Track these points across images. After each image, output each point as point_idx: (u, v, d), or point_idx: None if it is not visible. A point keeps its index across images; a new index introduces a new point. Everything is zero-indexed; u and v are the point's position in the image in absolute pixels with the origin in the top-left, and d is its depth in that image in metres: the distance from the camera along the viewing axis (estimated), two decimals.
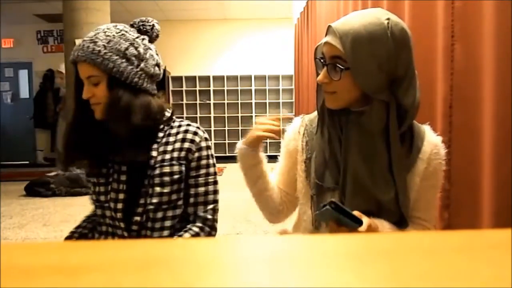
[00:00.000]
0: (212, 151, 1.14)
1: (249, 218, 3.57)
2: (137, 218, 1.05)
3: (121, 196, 1.07)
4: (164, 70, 7.37)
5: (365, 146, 0.93)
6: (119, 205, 1.06)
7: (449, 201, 1.16)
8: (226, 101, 7.65)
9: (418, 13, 1.36)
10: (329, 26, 0.91)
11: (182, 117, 1.16)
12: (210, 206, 1.11)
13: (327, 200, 0.96)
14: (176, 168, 1.08)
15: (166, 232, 1.07)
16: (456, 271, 0.25)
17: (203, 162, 1.11)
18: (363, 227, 0.84)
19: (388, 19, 0.89)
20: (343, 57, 0.88)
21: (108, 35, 1.01)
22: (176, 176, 1.08)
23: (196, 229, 1.08)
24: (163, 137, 1.10)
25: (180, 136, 1.10)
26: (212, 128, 7.75)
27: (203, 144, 1.12)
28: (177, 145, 1.09)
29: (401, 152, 0.94)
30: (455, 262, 0.26)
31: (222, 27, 7.62)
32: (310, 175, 1.00)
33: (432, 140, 0.97)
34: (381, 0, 1.75)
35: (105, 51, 0.99)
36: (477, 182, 1.04)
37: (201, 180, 1.10)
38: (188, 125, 1.14)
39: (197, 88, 7.64)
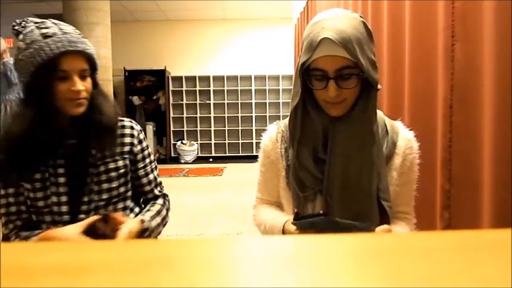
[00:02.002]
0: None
1: (249, 218, 3.57)
2: (82, 216, 1.05)
3: (63, 198, 1.05)
4: (164, 70, 7.39)
5: (352, 144, 0.95)
6: (64, 208, 1.05)
7: (450, 202, 1.16)
8: (226, 101, 7.65)
9: (418, 13, 1.36)
10: (323, 39, 0.87)
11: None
12: (162, 185, 1.27)
13: (308, 207, 0.97)
14: (120, 163, 1.12)
15: None
16: (456, 271, 0.25)
17: (146, 152, 1.20)
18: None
19: (356, 13, 0.93)
20: (351, 65, 0.88)
21: None
22: (122, 171, 1.12)
23: (161, 201, 1.22)
24: None
25: (118, 131, 1.13)
26: (212, 128, 7.75)
27: (141, 136, 1.19)
28: (117, 140, 1.13)
29: (380, 144, 0.97)
30: (455, 262, 0.26)
31: (222, 27, 7.63)
32: (291, 182, 1.01)
33: (406, 135, 1.02)
34: (381, 0, 1.75)
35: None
36: (477, 182, 1.04)
37: (148, 168, 1.20)
38: (121, 120, 1.17)
39: (197, 88, 7.64)
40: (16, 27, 1.03)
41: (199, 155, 7.66)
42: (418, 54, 1.36)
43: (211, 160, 7.63)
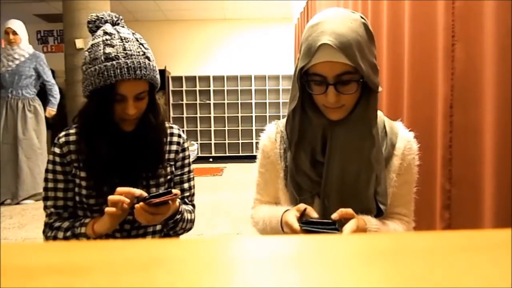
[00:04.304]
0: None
1: (249, 218, 3.57)
2: (130, 217, 1.06)
3: None
4: (164, 70, 7.39)
5: (351, 146, 0.94)
6: None
7: (450, 201, 1.16)
8: (226, 101, 7.65)
9: (418, 13, 1.36)
10: (322, 45, 0.84)
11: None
12: (194, 197, 1.25)
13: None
14: (168, 170, 1.17)
15: (158, 226, 1.16)
16: (456, 271, 0.25)
17: (186, 161, 1.22)
18: (347, 231, 0.84)
19: (356, 13, 0.91)
20: (351, 71, 0.86)
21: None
22: (168, 177, 1.17)
23: (191, 207, 1.20)
24: None
25: (168, 139, 1.18)
26: (212, 128, 7.75)
27: (186, 144, 1.23)
28: (165, 147, 1.17)
29: (380, 146, 0.96)
30: (455, 262, 0.26)
31: (222, 27, 7.62)
32: (288, 184, 1.00)
33: (405, 136, 1.00)
34: (381, 0, 1.75)
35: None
36: (478, 182, 1.04)
37: (185, 177, 1.21)
38: (171, 127, 1.21)
39: (197, 88, 7.64)
40: (90, 25, 1.09)
41: (199, 155, 7.65)
42: (418, 54, 1.36)
43: (211, 160, 7.63)
